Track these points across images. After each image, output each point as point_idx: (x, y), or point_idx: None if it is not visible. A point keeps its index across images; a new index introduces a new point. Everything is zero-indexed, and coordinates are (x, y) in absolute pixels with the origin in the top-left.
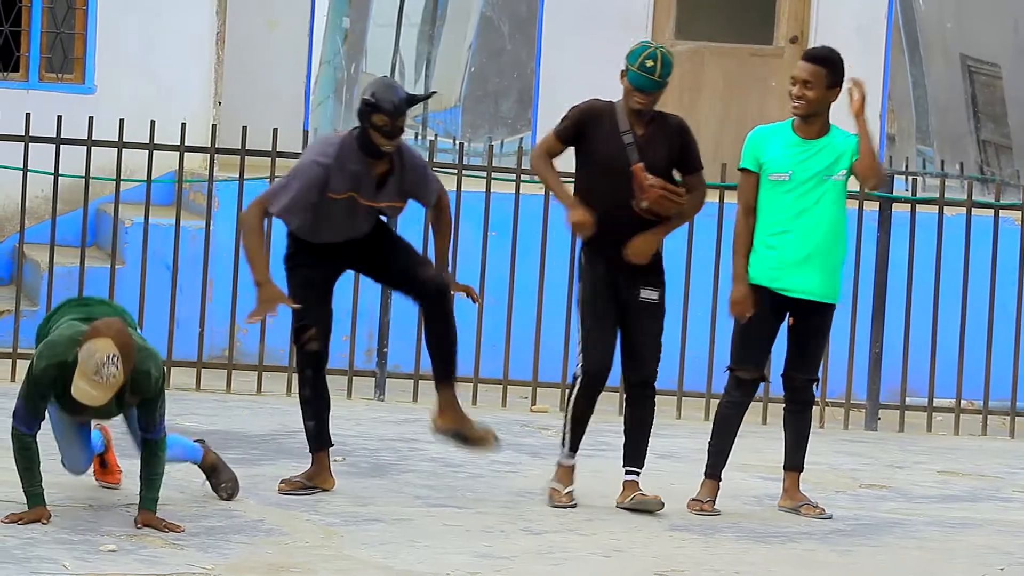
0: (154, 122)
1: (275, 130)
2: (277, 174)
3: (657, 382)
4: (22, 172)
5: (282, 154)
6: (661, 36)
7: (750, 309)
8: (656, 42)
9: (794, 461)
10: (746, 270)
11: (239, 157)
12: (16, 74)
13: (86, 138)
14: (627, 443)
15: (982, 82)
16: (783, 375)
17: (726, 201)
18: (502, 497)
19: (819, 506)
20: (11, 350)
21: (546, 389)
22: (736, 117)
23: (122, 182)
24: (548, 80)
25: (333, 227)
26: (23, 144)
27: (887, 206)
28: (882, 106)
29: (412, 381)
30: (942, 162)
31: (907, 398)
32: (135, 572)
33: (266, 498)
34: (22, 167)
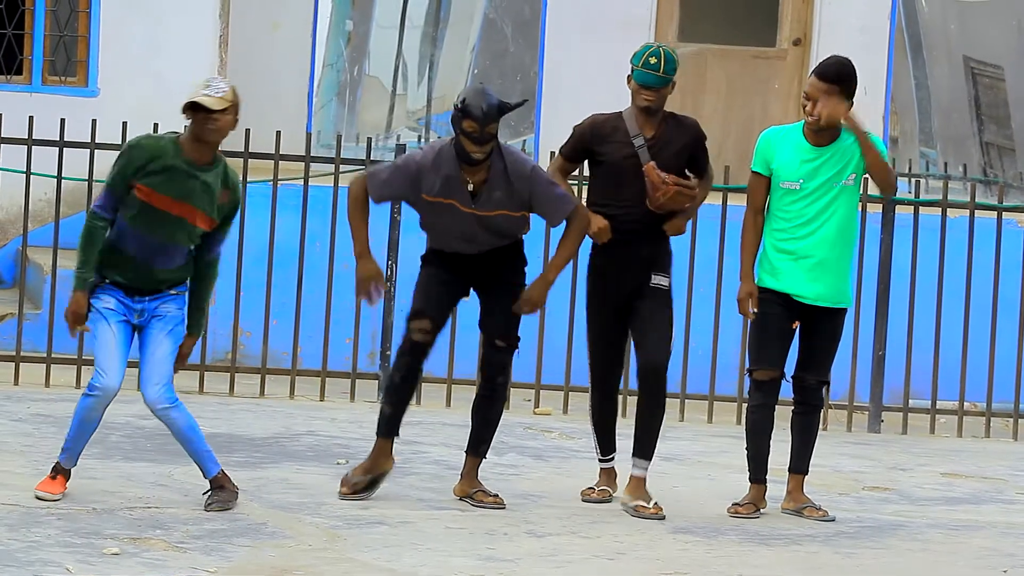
0: (157, 125)
1: (278, 133)
2: (280, 177)
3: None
4: (25, 175)
5: (285, 157)
6: (664, 38)
7: (755, 306)
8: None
9: (799, 465)
10: (752, 268)
11: (242, 160)
12: (19, 77)
13: (89, 141)
14: (636, 432)
15: (985, 84)
16: (793, 376)
17: (729, 203)
18: (506, 500)
19: (822, 508)
20: (14, 353)
21: (550, 391)
22: (739, 119)
23: None
24: (551, 82)
25: (444, 232)
26: (26, 147)
27: (890, 208)
28: (885, 108)
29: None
30: (945, 164)
31: (910, 400)
32: None
33: (270, 501)
34: (25, 170)
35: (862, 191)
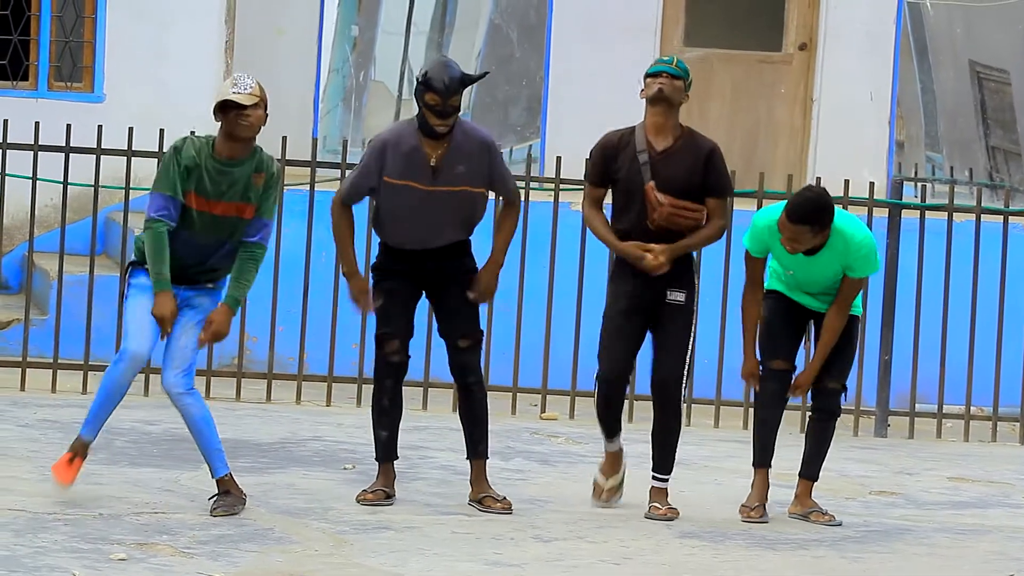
0: (163, 130)
1: (284, 138)
2: (286, 182)
3: None
4: (31, 181)
5: (291, 162)
6: (670, 43)
7: (757, 385)
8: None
9: (810, 470)
10: (754, 345)
11: None
12: (25, 83)
13: (95, 147)
14: (654, 448)
15: (991, 88)
16: (813, 384)
17: (735, 208)
18: (512, 504)
19: (828, 513)
20: (21, 359)
21: (556, 396)
22: (745, 124)
23: (131, 190)
24: (557, 87)
25: (404, 221)
26: (32, 153)
27: (896, 213)
28: (891, 112)
29: (421, 389)
30: (951, 168)
31: (917, 405)
32: None
33: (276, 506)
34: (31, 176)
35: (868, 195)
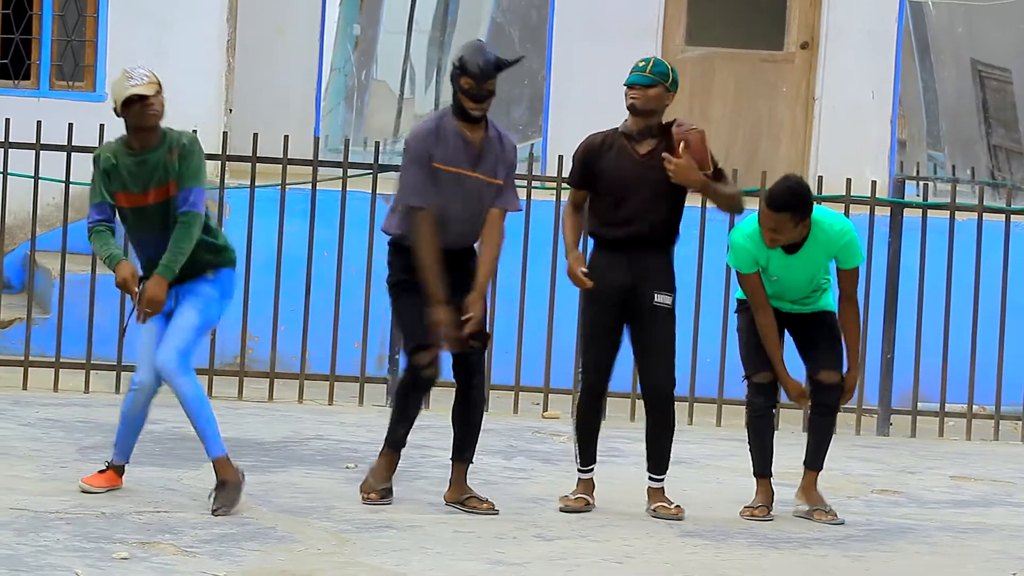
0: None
1: (286, 137)
2: (288, 181)
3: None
4: (33, 180)
5: (293, 161)
6: (672, 42)
7: (807, 397)
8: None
9: (814, 462)
10: (783, 361)
11: (250, 164)
12: (27, 82)
13: (97, 146)
14: (648, 449)
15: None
16: (810, 380)
17: None
18: (514, 503)
19: (832, 511)
20: (23, 357)
21: (558, 395)
22: (747, 123)
23: None
24: (558, 86)
25: (449, 215)
26: (34, 152)
27: (898, 211)
28: (893, 111)
29: None
30: (953, 167)
31: (919, 403)
32: None
33: (278, 505)
34: (33, 175)
35: (870, 194)
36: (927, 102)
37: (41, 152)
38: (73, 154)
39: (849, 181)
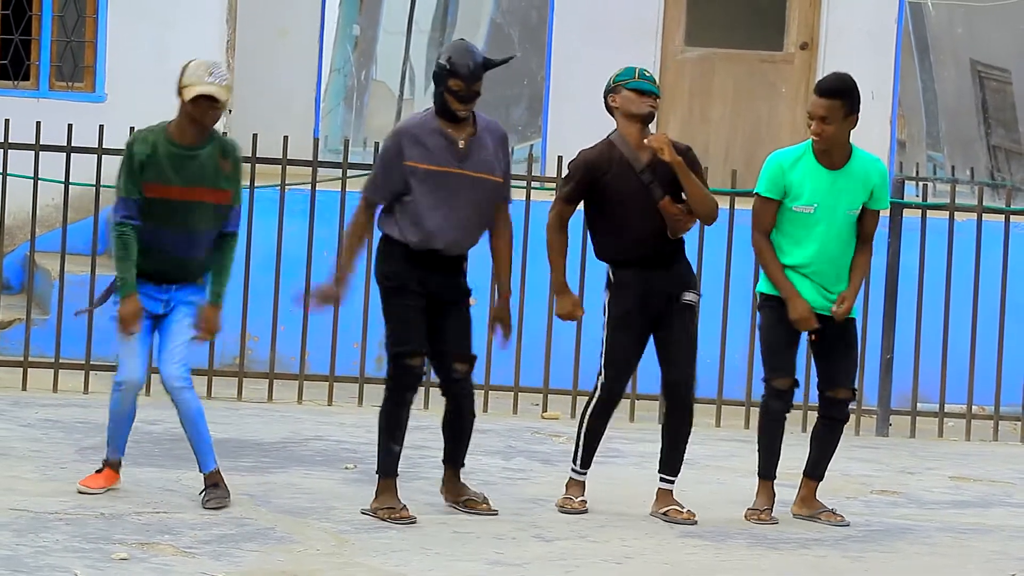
0: None
1: (286, 138)
2: (288, 182)
3: None
4: (33, 181)
5: (292, 162)
6: (671, 43)
7: (814, 321)
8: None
9: (815, 471)
10: (791, 284)
11: (250, 165)
12: (27, 83)
13: (96, 146)
14: (663, 449)
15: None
16: (822, 394)
17: (737, 207)
18: (513, 504)
19: (838, 513)
20: (22, 358)
21: (557, 396)
22: (746, 123)
23: None
24: (558, 87)
25: (438, 215)
26: (34, 153)
27: (898, 212)
28: (892, 112)
29: (423, 389)
30: (952, 167)
31: (918, 404)
32: None
33: (278, 506)
34: (33, 175)
35: None
36: (927, 102)
37: (41, 153)
38: (73, 155)
39: None
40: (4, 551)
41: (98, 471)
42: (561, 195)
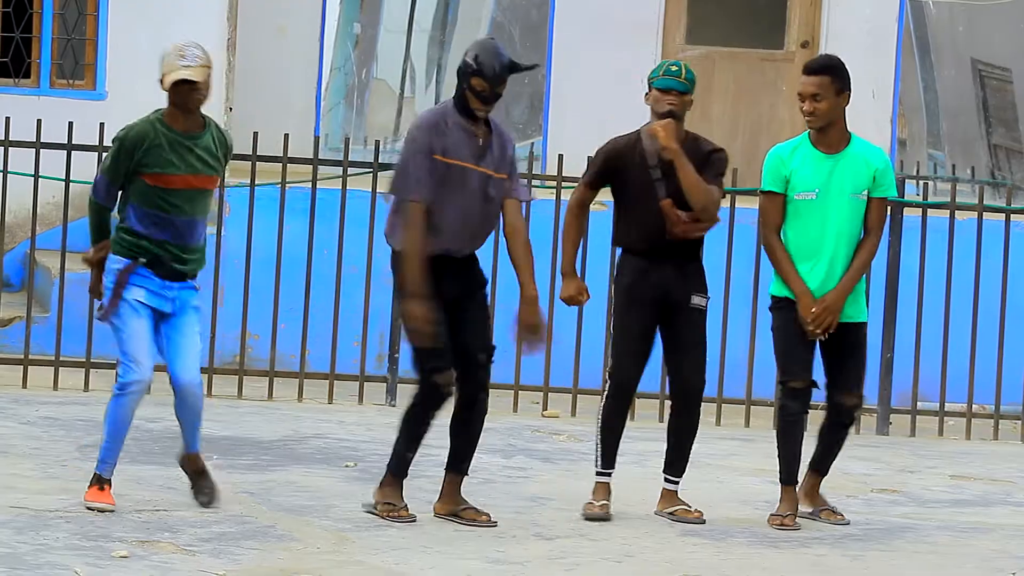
0: None
1: (286, 136)
2: (288, 180)
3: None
4: (33, 178)
5: (293, 160)
6: (672, 41)
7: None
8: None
9: (820, 465)
10: (802, 281)
11: (250, 163)
12: (27, 80)
13: (97, 144)
14: (669, 450)
15: (993, 86)
16: (831, 401)
17: (737, 206)
18: (514, 503)
19: (839, 512)
20: (23, 356)
21: (558, 394)
22: (747, 122)
23: None
24: (559, 85)
25: (457, 215)
26: (34, 150)
27: (898, 211)
28: (893, 111)
29: None
30: (953, 166)
31: (918, 402)
32: None
33: (278, 504)
34: (33, 173)
35: None
36: (927, 101)
37: (41, 150)
38: (73, 152)
39: None
40: (4, 549)
41: (100, 488)
42: (583, 179)
